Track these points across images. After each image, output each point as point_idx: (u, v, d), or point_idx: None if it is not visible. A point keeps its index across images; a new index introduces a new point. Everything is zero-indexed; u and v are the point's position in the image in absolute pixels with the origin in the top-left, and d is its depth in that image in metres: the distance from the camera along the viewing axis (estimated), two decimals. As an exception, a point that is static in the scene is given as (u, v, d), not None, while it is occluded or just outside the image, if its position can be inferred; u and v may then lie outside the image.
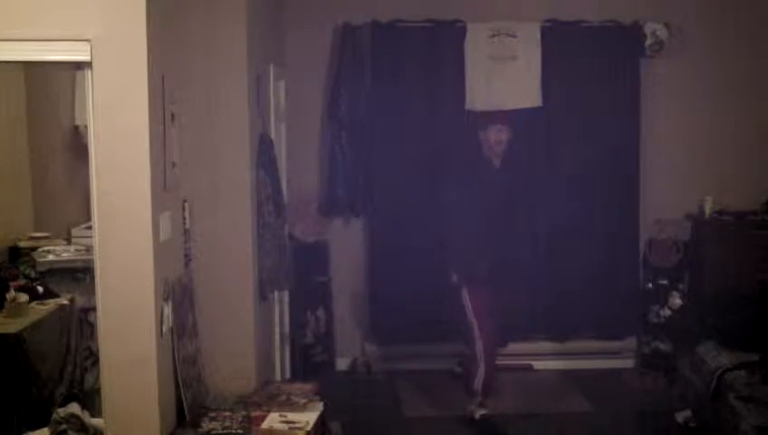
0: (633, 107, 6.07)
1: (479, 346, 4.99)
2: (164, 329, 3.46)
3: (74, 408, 3.63)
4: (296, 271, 5.32)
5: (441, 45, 5.99)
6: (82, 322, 4.58)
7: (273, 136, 4.89)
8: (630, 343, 6.20)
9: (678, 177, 6.16)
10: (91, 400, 4.02)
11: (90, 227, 3.55)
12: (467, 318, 5.01)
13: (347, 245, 6.20)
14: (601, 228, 6.13)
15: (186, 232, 3.96)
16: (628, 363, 6.19)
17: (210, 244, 4.12)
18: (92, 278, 3.40)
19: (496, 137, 5.02)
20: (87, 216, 4.02)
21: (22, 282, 4.55)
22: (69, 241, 5.09)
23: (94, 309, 3.43)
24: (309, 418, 3.86)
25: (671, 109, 6.15)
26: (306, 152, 6.06)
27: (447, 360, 5.94)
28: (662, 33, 6.00)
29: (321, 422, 3.98)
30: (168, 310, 3.51)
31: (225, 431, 3.59)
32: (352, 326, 6.22)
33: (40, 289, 4.52)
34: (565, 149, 6.08)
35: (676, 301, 6.05)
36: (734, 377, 4.45)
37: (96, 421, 3.55)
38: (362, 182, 6.04)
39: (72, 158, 5.37)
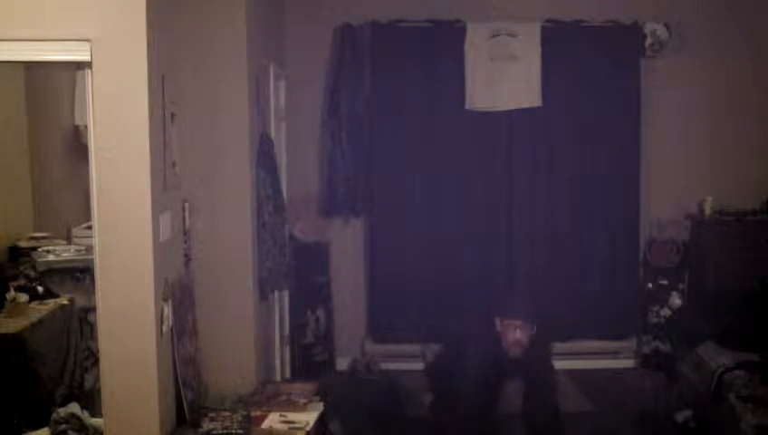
0: (633, 107, 6.07)
1: None
2: (164, 329, 3.46)
3: (74, 408, 3.63)
4: (296, 271, 5.32)
5: (441, 45, 5.99)
6: (82, 322, 4.58)
7: (273, 136, 4.89)
8: (630, 342, 6.20)
9: (678, 177, 6.16)
10: (91, 400, 4.02)
11: (90, 227, 3.55)
12: None
13: (347, 245, 6.20)
14: (601, 228, 6.13)
15: (186, 232, 3.96)
16: (629, 363, 6.20)
17: (210, 244, 4.13)
18: (92, 278, 3.40)
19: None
20: (87, 216, 4.02)
21: (22, 282, 4.55)
22: (69, 241, 5.08)
23: (94, 309, 3.43)
24: (309, 418, 3.86)
25: (671, 109, 6.15)
26: (306, 152, 6.06)
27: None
28: (662, 33, 6.01)
29: (321, 422, 3.98)
30: (168, 310, 3.51)
31: (225, 431, 3.59)
32: (352, 326, 6.22)
33: (40, 289, 4.51)
34: (565, 149, 6.08)
35: (676, 301, 6.06)
36: (734, 377, 4.45)
37: (96, 421, 3.54)
38: (362, 182, 6.04)
39: (72, 158, 5.37)
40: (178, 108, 3.71)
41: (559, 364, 6.07)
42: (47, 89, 5.40)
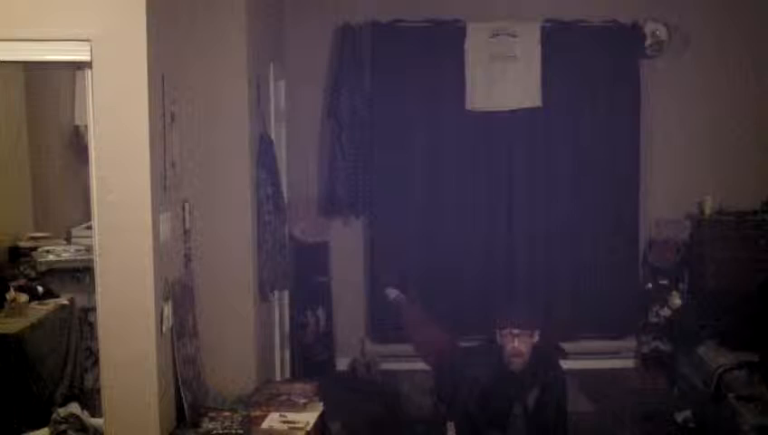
0: (633, 107, 6.08)
1: None
2: (164, 329, 3.46)
3: (74, 408, 3.62)
4: (296, 271, 5.32)
5: (441, 45, 5.99)
6: (82, 322, 4.58)
7: (273, 136, 4.89)
8: (630, 342, 6.20)
9: (678, 177, 6.17)
10: (91, 400, 4.02)
11: (90, 227, 3.54)
12: None
13: (347, 245, 6.21)
14: (601, 228, 6.13)
15: (186, 232, 3.96)
16: (629, 363, 6.20)
17: (210, 244, 4.12)
18: (92, 278, 3.40)
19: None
20: (87, 216, 4.01)
21: (22, 282, 4.55)
22: (69, 241, 5.08)
23: (94, 309, 3.42)
24: (309, 418, 3.85)
25: (671, 109, 6.15)
26: (306, 152, 6.06)
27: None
28: (662, 33, 6.01)
29: (321, 422, 3.98)
30: (168, 310, 3.51)
31: (225, 431, 3.59)
32: (352, 326, 6.22)
33: (40, 289, 4.52)
34: (565, 149, 6.08)
35: (676, 301, 6.05)
36: (734, 377, 4.46)
37: (96, 421, 3.54)
38: (362, 182, 6.04)
39: (72, 158, 5.37)
40: (178, 108, 3.71)
41: (559, 364, 6.11)
42: (47, 89, 5.40)
